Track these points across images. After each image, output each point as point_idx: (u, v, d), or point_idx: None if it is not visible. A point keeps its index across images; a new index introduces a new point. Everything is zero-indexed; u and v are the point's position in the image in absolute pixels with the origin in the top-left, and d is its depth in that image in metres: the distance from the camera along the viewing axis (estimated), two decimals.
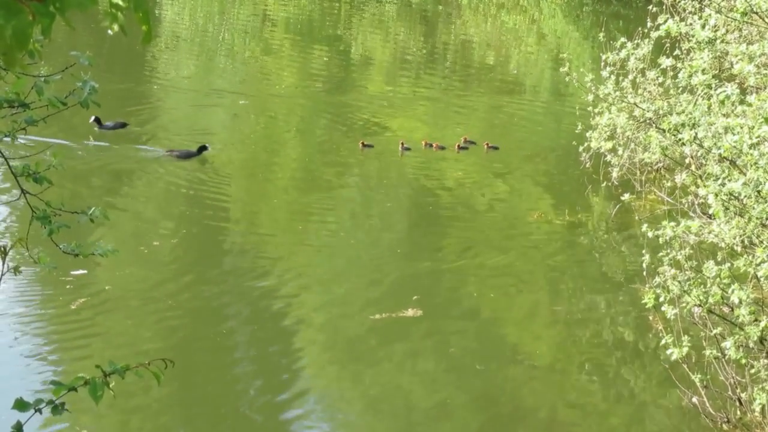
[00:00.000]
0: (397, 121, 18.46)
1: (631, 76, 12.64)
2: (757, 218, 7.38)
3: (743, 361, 7.54)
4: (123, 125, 15.65)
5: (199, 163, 14.84)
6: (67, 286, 10.26)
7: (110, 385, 3.28)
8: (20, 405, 3.19)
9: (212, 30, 27.77)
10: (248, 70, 23.03)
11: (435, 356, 9.61)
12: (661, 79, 12.30)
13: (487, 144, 16.40)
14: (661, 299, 7.69)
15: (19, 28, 1.50)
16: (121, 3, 1.66)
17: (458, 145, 16.26)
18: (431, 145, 16.10)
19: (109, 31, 1.82)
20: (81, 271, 10.51)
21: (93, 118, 15.04)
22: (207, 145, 15.03)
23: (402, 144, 15.89)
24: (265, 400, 8.72)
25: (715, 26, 10.25)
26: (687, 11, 12.48)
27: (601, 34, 13.92)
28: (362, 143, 15.92)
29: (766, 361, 7.77)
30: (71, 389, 3.25)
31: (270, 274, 11.25)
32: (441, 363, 9.51)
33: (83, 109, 4.40)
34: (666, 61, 10.06)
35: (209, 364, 9.19)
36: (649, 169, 13.86)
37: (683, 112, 8.77)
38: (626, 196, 9.84)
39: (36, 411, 3.24)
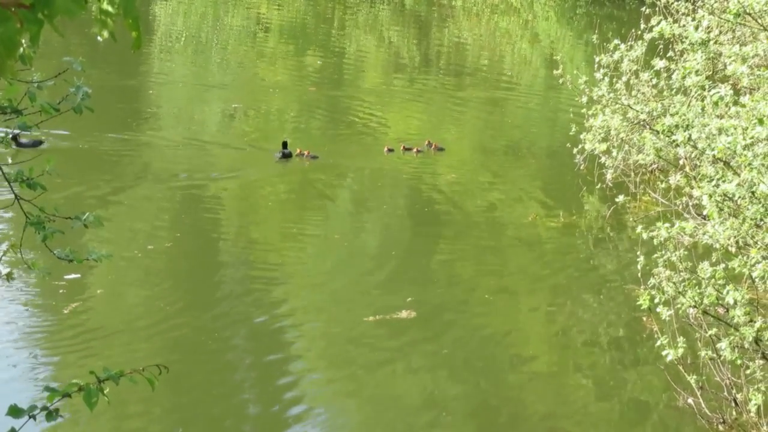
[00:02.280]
0: (391, 123, 18.47)
1: (624, 78, 12.66)
2: (751, 219, 7.39)
3: (739, 361, 7.54)
4: (39, 143, 14.74)
5: (191, 166, 14.84)
6: (60, 291, 10.24)
7: (105, 392, 3.27)
8: (14, 411, 3.18)
9: (205, 34, 27.76)
10: (241, 73, 23.02)
11: (429, 358, 9.60)
12: (654, 81, 12.32)
13: (435, 145, 16.24)
14: (656, 300, 7.69)
15: (7, 35, 1.49)
16: (110, 10, 1.65)
17: (417, 149, 16.12)
18: (391, 150, 15.92)
19: (99, 38, 1.82)
20: (74, 275, 10.48)
21: (11, 135, 14.47)
22: (285, 140, 15.59)
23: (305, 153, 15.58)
24: (258, 401, 8.70)
25: (709, 27, 10.29)
26: (680, 13, 12.51)
27: (595, 36, 13.96)
28: (387, 148, 15.92)
29: (761, 361, 7.77)
30: (65, 395, 3.23)
31: (263, 276, 11.25)
32: (435, 364, 9.50)
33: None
34: (659, 63, 10.08)
35: (204, 368, 9.17)
36: (644, 170, 13.88)
37: (677, 113, 8.78)
38: (621, 198, 9.85)
39: (30, 417, 3.23)
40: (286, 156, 15.35)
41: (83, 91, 4.14)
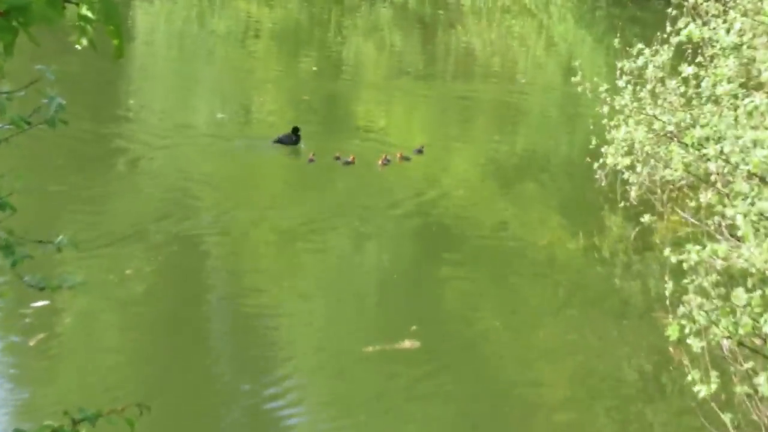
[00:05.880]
0: (393, 132, 18.53)
1: (649, 86, 12.67)
2: None
3: None
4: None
5: (175, 177, 14.87)
6: (26, 320, 10.19)
7: None
8: None
9: (190, 39, 27.87)
10: (228, 81, 23.09)
11: (433, 393, 9.57)
12: (682, 89, 12.34)
13: (401, 155, 16.46)
14: (687, 331, 7.66)
15: None
16: (90, 15, 1.64)
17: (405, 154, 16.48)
18: (341, 159, 16.10)
19: (77, 47, 1.81)
20: (42, 303, 10.43)
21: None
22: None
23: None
24: None
25: (741, 30, 10.30)
26: (710, 14, 12.53)
27: (616, 40, 13.98)
28: (337, 157, 16.16)
29: None
30: None
31: (254, 302, 11.22)
32: (440, 401, 9.46)
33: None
34: (688, 69, 10.09)
35: (189, 407, 9.13)
36: (671, 187, 13.86)
37: (707, 124, 8.78)
38: (646, 218, 9.85)
39: None
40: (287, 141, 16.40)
41: (57, 102, 4.13)
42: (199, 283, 11.86)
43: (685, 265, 7.84)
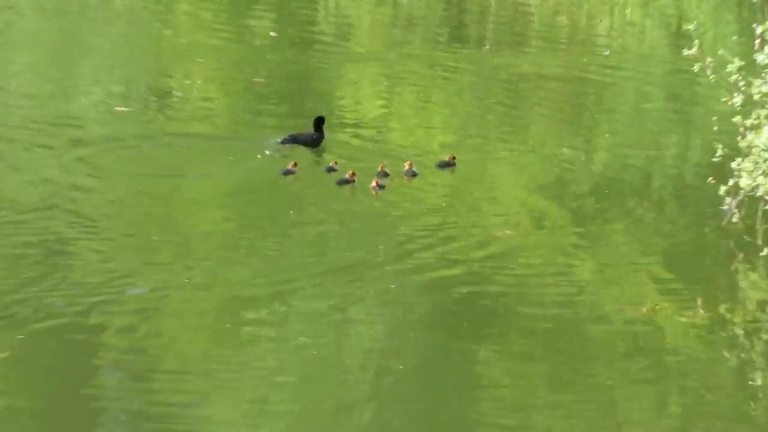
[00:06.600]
0: (396, 131, 18.58)
1: None
2: None
3: None
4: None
5: (54, 208, 14.85)
6: None
7: None
8: None
9: None
10: (136, 52, 23.14)
11: None
12: None
13: (410, 164, 17.00)
14: None
15: None
16: None
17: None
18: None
19: None
20: None
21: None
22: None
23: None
24: None
25: None
26: None
27: None
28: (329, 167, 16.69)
29: None
30: None
31: (177, 415, 11.11)
32: None
33: None
34: None
35: None
36: None
37: None
38: None
39: None
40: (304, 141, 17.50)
41: None
42: (86, 384, 11.74)
43: None
